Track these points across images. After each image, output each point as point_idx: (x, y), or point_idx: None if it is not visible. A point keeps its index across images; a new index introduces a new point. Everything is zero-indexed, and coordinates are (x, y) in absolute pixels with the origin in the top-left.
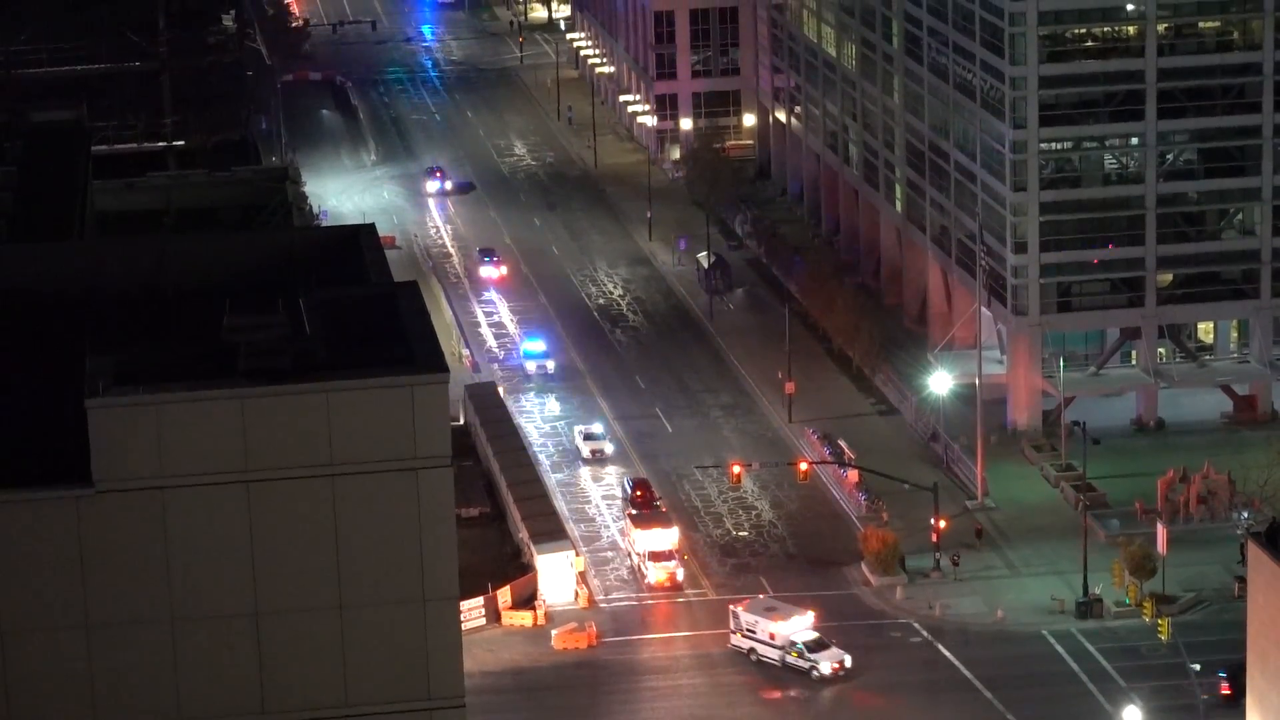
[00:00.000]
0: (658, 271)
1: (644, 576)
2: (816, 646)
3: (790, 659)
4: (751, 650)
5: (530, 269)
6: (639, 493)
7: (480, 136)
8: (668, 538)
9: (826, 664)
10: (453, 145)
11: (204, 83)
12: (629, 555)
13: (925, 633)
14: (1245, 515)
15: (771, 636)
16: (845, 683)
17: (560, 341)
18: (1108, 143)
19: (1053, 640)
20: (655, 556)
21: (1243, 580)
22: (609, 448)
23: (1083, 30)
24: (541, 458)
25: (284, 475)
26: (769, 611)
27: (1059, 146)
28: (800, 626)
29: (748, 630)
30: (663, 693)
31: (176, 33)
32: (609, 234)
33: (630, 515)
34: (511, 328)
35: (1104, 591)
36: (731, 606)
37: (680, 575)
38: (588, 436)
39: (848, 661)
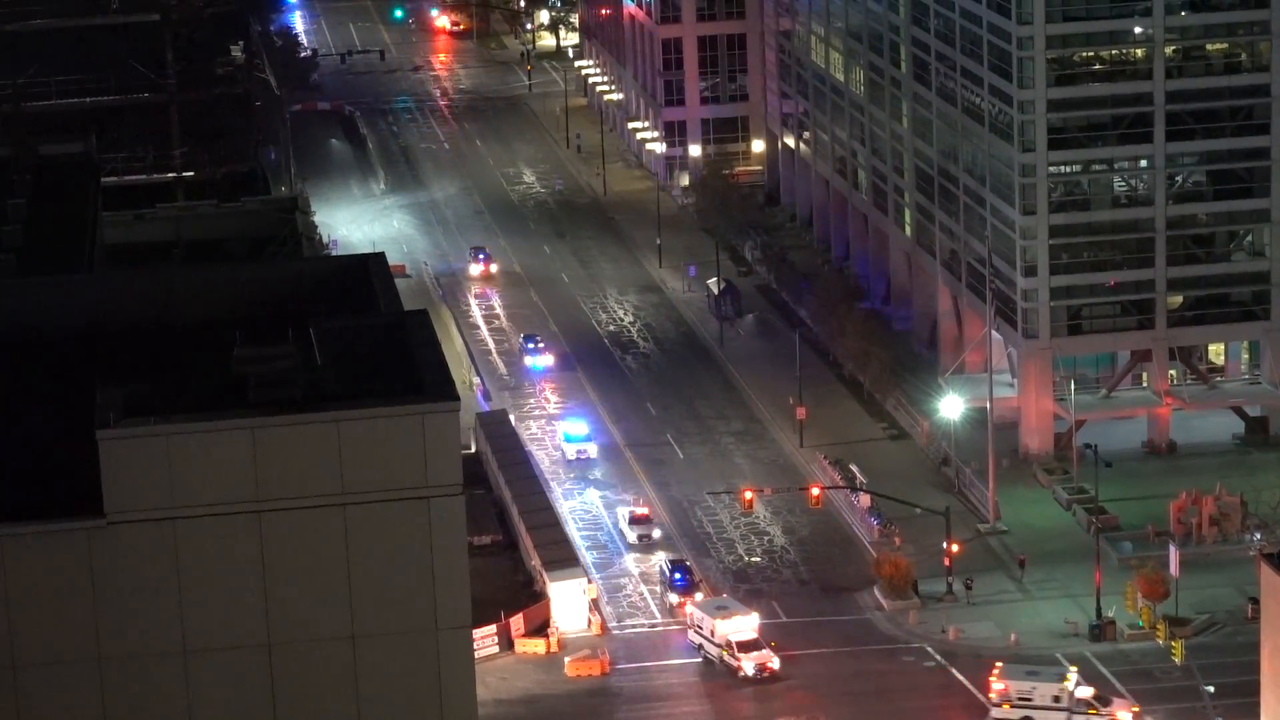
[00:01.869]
0: (668, 298)
1: (738, 668)
2: (749, 646)
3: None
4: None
5: (540, 297)
6: (678, 574)
7: (489, 165)
8: (749, 624)
9: (751, 664)
10: (461, 174)
11: (212, 114)
12: (701, 647)
13: (939, 657)
14: (1258, 537)
15: (712, 633)
16: (857, 706)
17: (574, 368)
18: (1116, 165)
19: (1066, 664)
20: (745, 647)
21: (1256, 602)
22: (657, 533)
23: (1090, 53)
24: (554, 484)
25: (295, 505)
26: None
27: (1068, 169)
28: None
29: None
30: (675, 719)
31: (185, 64)
32: (619, 261)
33: (697, 603)
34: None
35: (1117, 614)
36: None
37: (776, 663)
38: (634, 521)
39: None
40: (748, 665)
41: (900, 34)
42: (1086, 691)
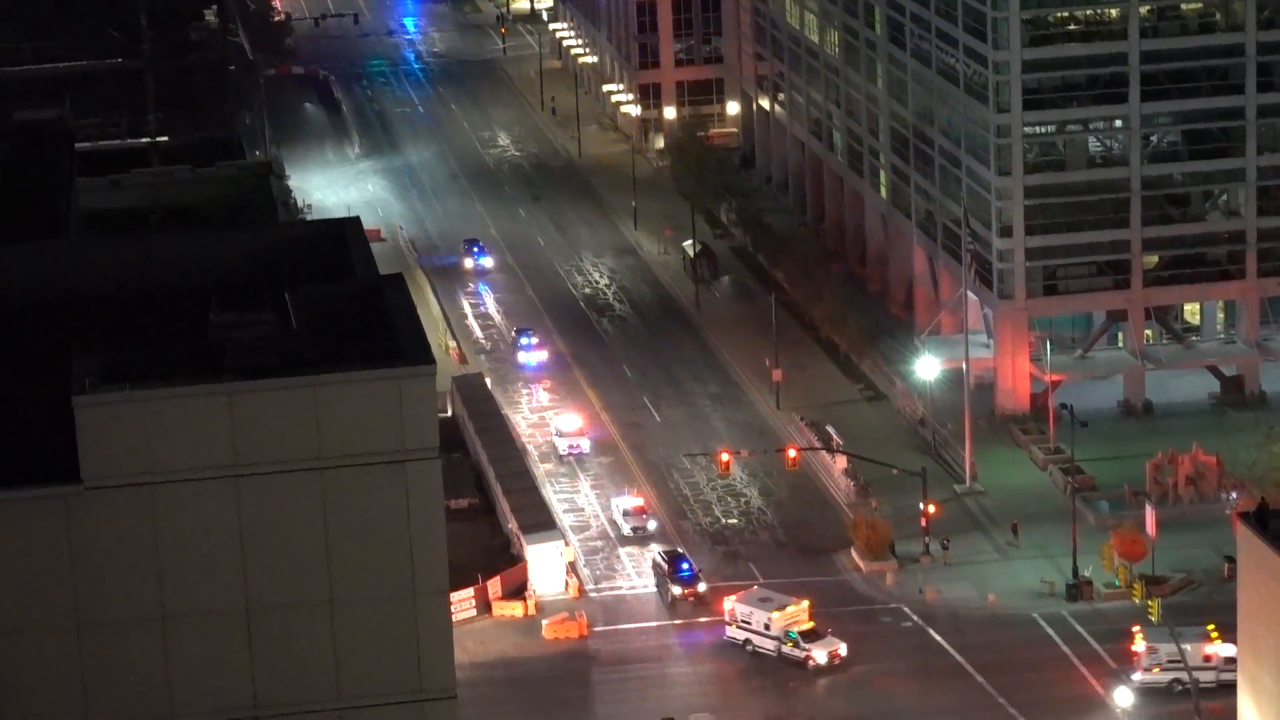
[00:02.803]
0: (643, 261)
1: (807, 659)
2: (813, 636)
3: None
4: (747, 641)
5: (516, 260)
6: (684, 566)
7: (464, 129)
8: (803, 612)
9: (823, 653)
10: (436, 138)
11: (187, 79)
12: (748, 642)
13: (916, 618)
14: (1234, 496)
15: (768, 627)
16: (838, 671)
17: (548, 333)
18: (1092, 126)
19: (1044, 623)
20: (809, 637)
21: (1232, 561)
22: (652, 524)
23: (1065, 14)
24: (530, 448)
25: (273, 470)
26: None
27: (1043, 130)
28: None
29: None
30: (653, 682)
31: (159, 30)
32: (594, 224)
33: (740, 598)
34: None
35: (1094, 574)
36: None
37: (844, 649)
38: (628, 513)
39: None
40: (819, 655)
41: None
42: (1230, 649)
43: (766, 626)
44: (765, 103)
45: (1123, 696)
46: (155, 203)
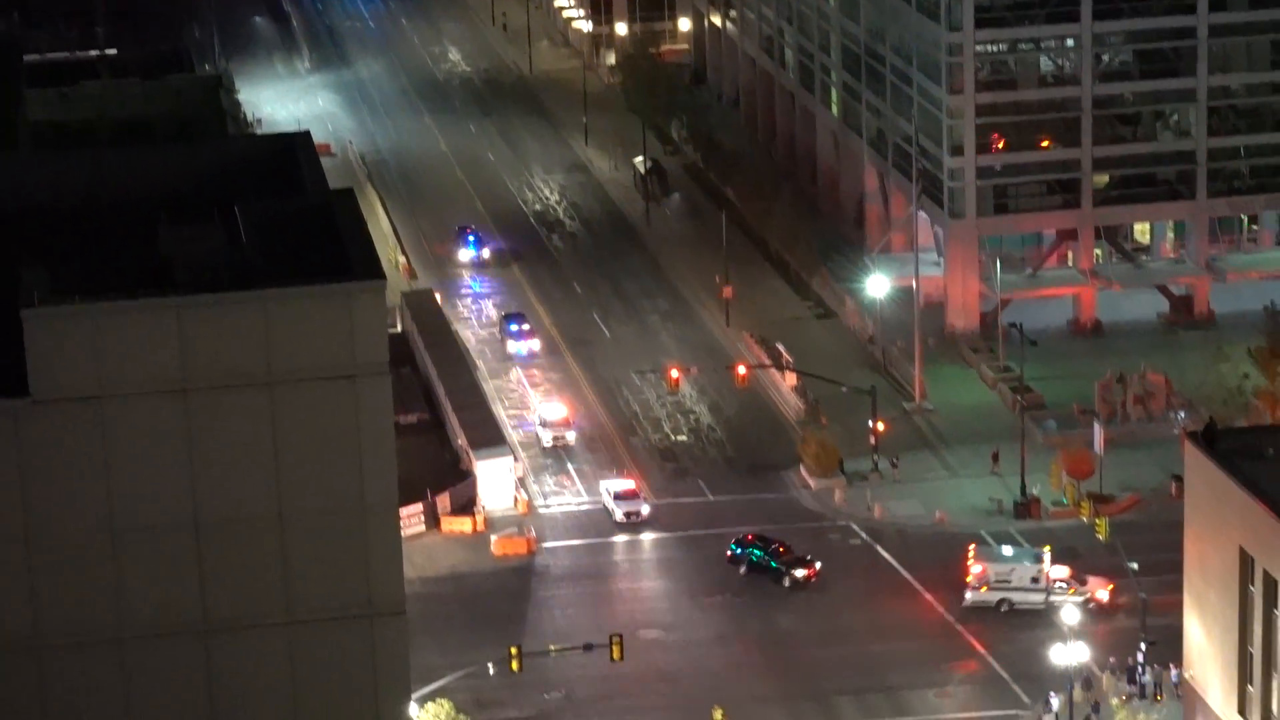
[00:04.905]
0: (594, 178)
1: (1091, 598)
2: (1075, 580)
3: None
4: (1002, 601)
5: (466, 176)
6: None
7: (415, 44)
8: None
9: (1104, 592)
10: (387, 53)
11: None
12: (1003, 601)
13: (864, 535)
14: (1183, 415)
15: (1036, 580)
16: (787, 589)
17: (501, 250)
18: (1043, 44)
19: (992, 541)
20: (1071, 582)
21: (1180, 480)
22: (645, 509)
23: None
24: (480, 363)
25: (222, 385)
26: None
27: (994, 49)
28: (1061, 570)
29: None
30: (602, 597)
31: None
32: (545, 140)
33: (980, 555)
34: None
35: (1042, 492)
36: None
37: (1106, 593)
38: (619, 497)
39: (1104, 594)
40: (1101, 593)
41: None
42: (1063, 571)
43: (1035, 580)
44: (717, 19)
45: (1069, 615)
46: (104, 115)
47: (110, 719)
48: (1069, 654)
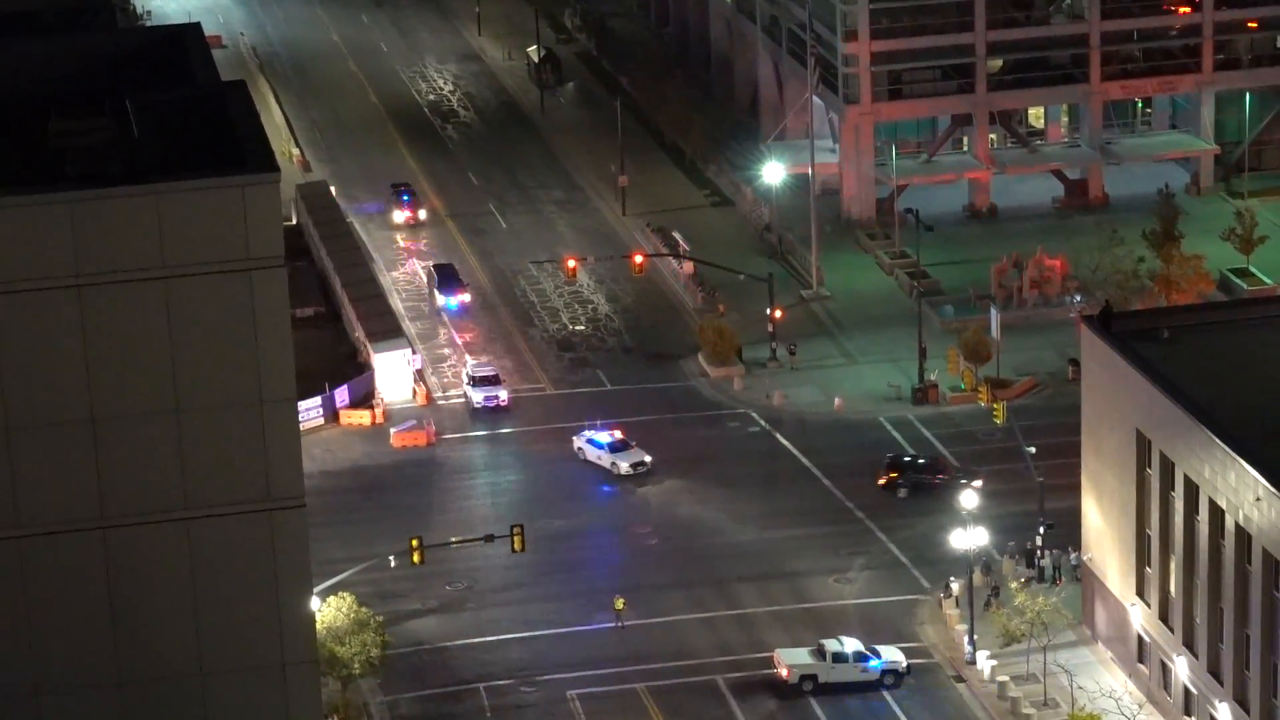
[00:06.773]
0: (488, 68)
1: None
2: (619, 447)
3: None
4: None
5: (359, 67)
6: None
7: None
8: (641, 455)
9: (625, 463)
10: None
11: None
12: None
13: (764, 422)
14: (1078, 299)
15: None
16: (684, 476)
17: (395, 142)
18: None
19: (890, 427)
20: (615, 447)
21: (1076, 364)
22: (649, 458)
23: None
24: (378, 257)
25: (116, 279)
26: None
27: None
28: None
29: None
30: (500, 488)
31: None
32: (438, 30)
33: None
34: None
35: (939, 378)
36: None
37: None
38: (616, 448)
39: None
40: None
41: None
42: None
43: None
44: None
45: (968, 499)
46: None
47: (7, 615)
48: (968, 538)
